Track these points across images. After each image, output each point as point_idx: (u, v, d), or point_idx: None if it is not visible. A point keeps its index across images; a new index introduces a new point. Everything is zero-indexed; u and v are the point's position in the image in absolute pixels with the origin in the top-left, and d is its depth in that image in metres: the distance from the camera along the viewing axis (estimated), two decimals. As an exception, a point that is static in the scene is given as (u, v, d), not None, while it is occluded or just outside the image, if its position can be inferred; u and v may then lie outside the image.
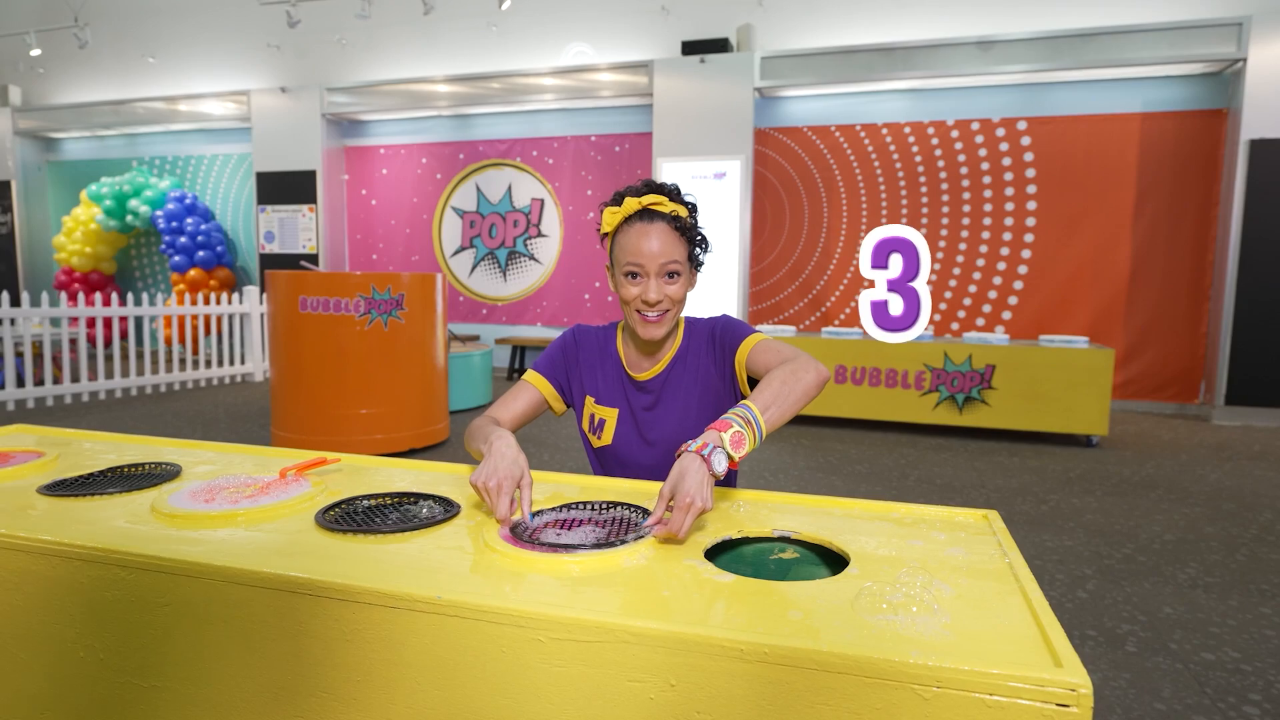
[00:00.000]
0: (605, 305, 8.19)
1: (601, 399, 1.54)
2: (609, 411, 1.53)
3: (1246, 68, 5.95)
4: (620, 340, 1.57)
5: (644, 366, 1.53)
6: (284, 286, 4.62)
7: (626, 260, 1.42)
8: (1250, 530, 3.46)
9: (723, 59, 7.22)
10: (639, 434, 1.52)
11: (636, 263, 1.41)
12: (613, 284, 1.49)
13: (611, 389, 1.54)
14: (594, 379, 1.55)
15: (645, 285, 1.41)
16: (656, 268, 1.41)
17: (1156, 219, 6.50)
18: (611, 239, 1.47)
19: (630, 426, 1.52)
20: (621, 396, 1.53)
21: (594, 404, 1.54)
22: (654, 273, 1.41)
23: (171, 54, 9.55)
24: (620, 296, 1.45)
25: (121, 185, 9.19)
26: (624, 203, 1.43)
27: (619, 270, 1.45)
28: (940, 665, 0.70)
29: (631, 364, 1.54)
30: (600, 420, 1.53)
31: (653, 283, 1.41)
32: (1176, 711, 1.98)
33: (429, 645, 0.85)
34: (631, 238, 1.42)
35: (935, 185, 7.03)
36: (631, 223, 1.43)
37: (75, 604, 1.02)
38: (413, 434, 4.80)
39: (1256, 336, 5.98)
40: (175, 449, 1.65)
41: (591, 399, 1.55)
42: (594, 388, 1.55)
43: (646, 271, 1.41)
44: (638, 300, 1.42)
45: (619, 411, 1.53)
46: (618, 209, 1.44)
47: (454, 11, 8.12)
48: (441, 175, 8.70)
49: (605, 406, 1.53)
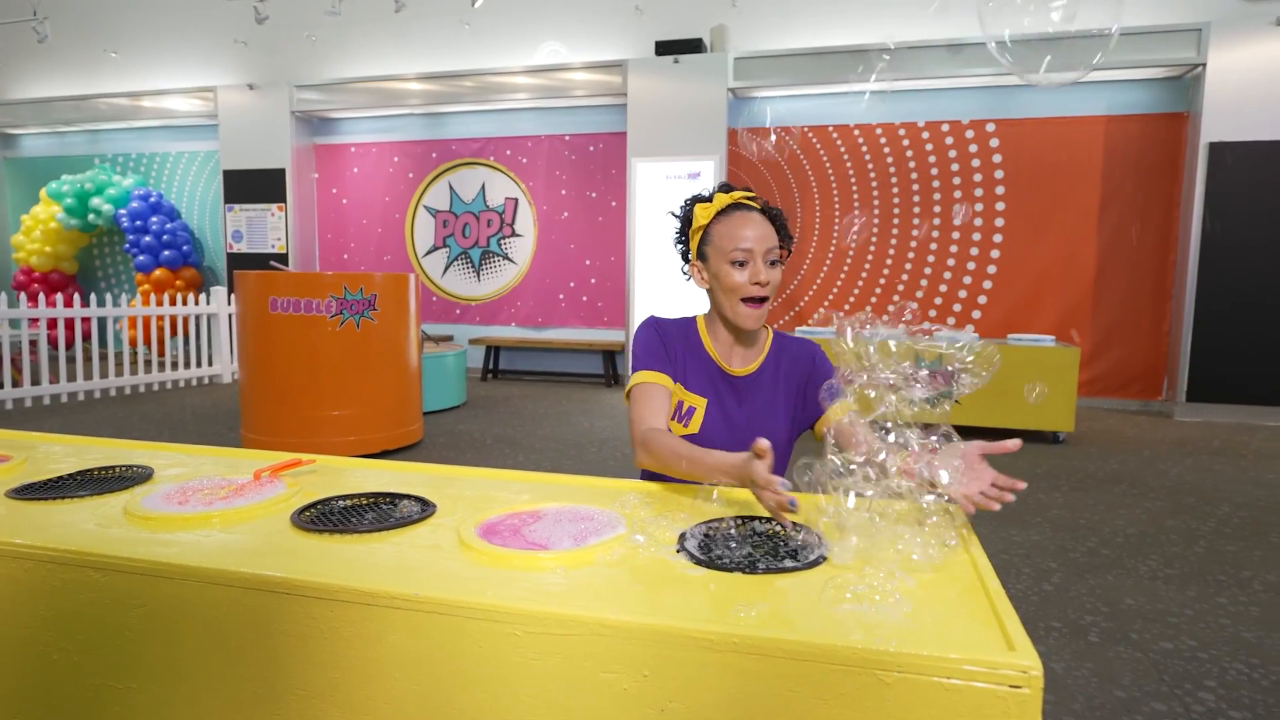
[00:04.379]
0: (579, 305, 8.20)
1: (691, 387, 1.57)
2: (698, 400, 1.56)
3: (1206, 72, 6.11)
4: (704, 333, 1.60)
5: (736, 363, 1.58)
6: (254, 287, 4.57)
7: (734, 247, 1.47)
8: (1209, 523, 3.57)
9: (696, 59, 7.26)
10: (725, 425, 1.55)
11: (745, 248, 1.46)
12: (702, 279, 1.55)
13: (700, 379, 1.57)
14: (684, 366, 1.58)
15: (754, 268, 1.47)
16: (763, 252, 1.47)
17: (1121, 220, 6.66)
18: (702, 234, 1.53)
19: (718, 417, 1.55)
20: (711, 388, 1.57)
21: (684, 391, 1.56)
22: (760, 256, 1.47)
23: (135, 49, 9.37)
24: (722, 286, 1.50)
25: (83, 183, 8.99)
26: (715, 197, 1.51)
27: (721, 259, 1.48)
28: (901, 651, 0.73)
29: (723, 357, 1.58)
30: (690, 408, 1.56)
31: (761, 266, 1.47)
32: (1136, 699, 2.05)
33: (407, 642, 0.87)
34: (734, 225, 1.48)
35: (906, 186, 7.13)
36: (729, 213, 1.50)
37: (48, 607, 1.01)
38: (386, 435, 4.77)
39: (1216, 335, 6.15)
40: (145, 452, 1.64)
41: (681, 386, 1.57)
42: (683, 375, 1.57)
43: (754, 256, 1.47)
44: (746, 285, 1.47)
45: (708, 401, 1.56)
46: (709, 203, 1.51)
47: (426, 9, 8.07)
48: (414, 174, 8.64)
49: (695, 394, 1.56)
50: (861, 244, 7.29)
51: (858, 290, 7.34)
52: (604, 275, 8.13)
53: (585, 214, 8.12)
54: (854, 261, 7.31)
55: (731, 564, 0.98)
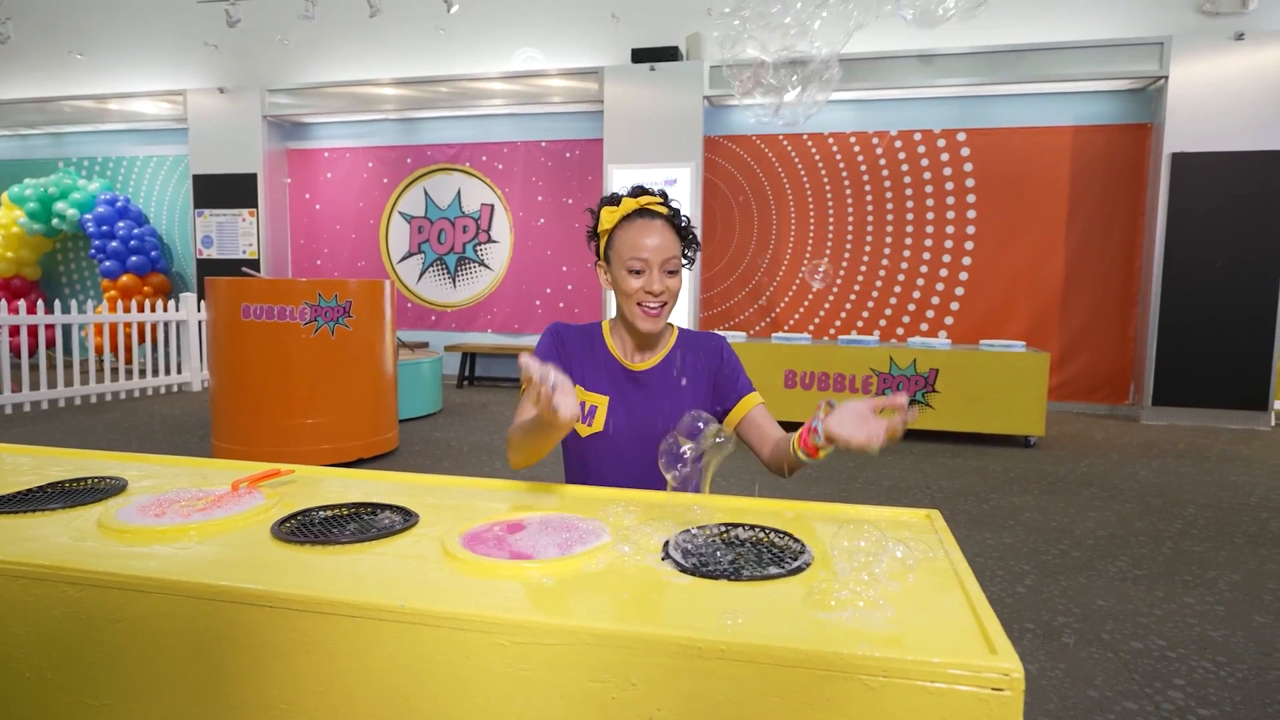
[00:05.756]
0: (556, 311, 8.18)
1: (590, 387, 1.58)
2: (599, 399, 1.57)
3: (1168, 85, 6.28)
4: (609, 335, 1.62)
5: (638, 359, 1.60)
6: (225, 293, 4.50)
7: (630, 255, 1.48)
8: (1175, 524, 3.65)
9: (672, 67, 7.30)
10: (630, 419, 1.56)
11: (641, 257, 1.48)
12: (606, 280, 1.56)
13: (600, 378, 1.58)
14: (582, 369, 1.59)
15: (649, 278, 1.48)
16: (660, 262, 1.48)
17: (1088, 228, 6.81)
18: (608, 237, 1.54)
19: (622, 412, 1.56)
20: (611, 385, 1.58)
21: (584, 392, 1.57)
22: (657, 266, 1.48)
23: (101, 51, 9.20)
24: (620, 290, 1.52)
25: (47, 187, 8.81)
26: (622, 202, 1.51)
27: (620, 266, 1.50)
28: (885, 656, 0.74)
29: (625, 356, 1.60)
30: (591, 407, 1.57)
31: (656, 275, 1.48)
32: (1108, 698, 2.09)
33: (393, 654, 0.86)
34: (634, 234, 1.49)
35: (880, 194, 7.23)
36: (632, 220, 1.51)
37: (19, 623, 0.99)
38: (362, 443, 4.72)
39: (1180, 340, 6.31)
40: (116, 462, 1.61)
41: (580, 387, 1.58)
42: (582, 377, 1.58)
43: (650, 265, 1.48)
44: (640, 292, 1.49)
45: (609, 399, 1.57)
46: (615, 208, 1.52)
47: (401, 14, 8.02)
48: (388, 179, 8.58)
49: (595, 394, 1.57)
50: (836, 251, 7.36)
51: (832, 297, 7.42)
52: (580, 281, 8.12)
53: (561, 220, 8.11)
54: (828, 269, 7.39)
55: (717, 571, 0.98)
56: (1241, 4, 6.22)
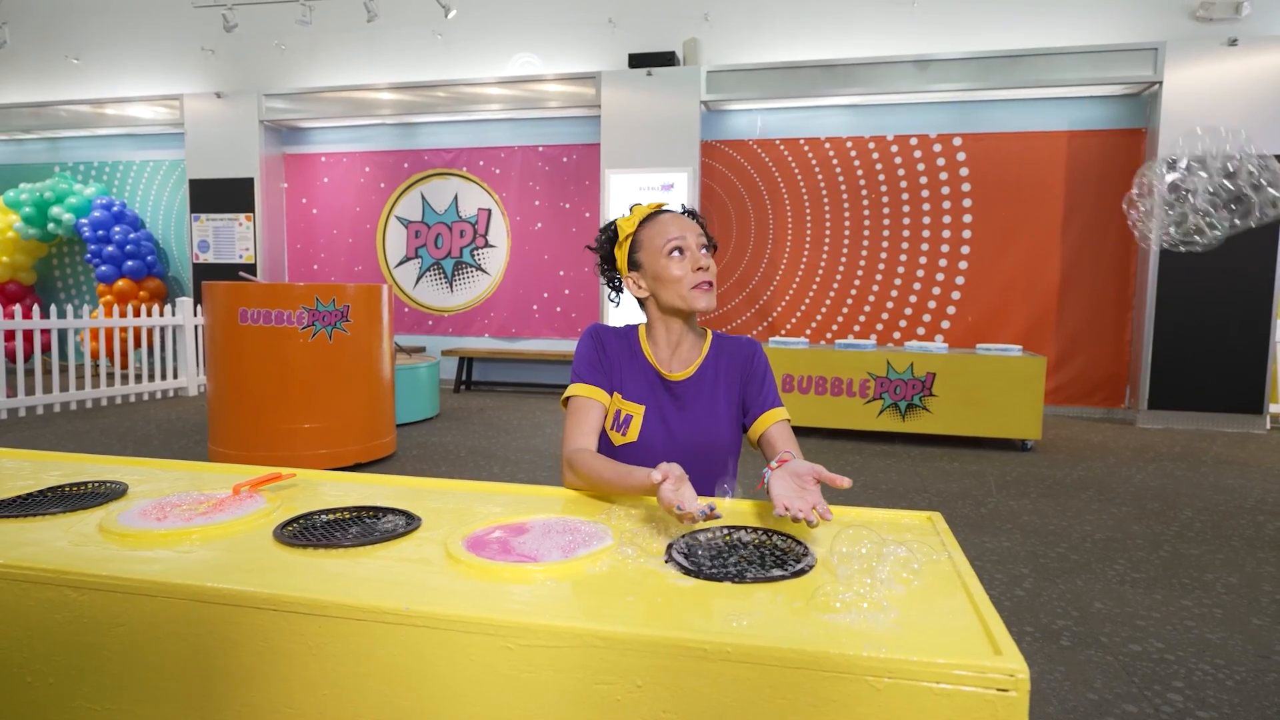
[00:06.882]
0: (553, 316, 8.18)
1: (628, 395, 1.57)
2: (636, 408, 1.56)
3: (1162, 90, 6.31)
4: (645, 341, 1.61)
5: (675, 368, 1.59)
6: (222, 298, 4.49)
7: (668, 239, 1.50)
8: (1172, 528, 3.66)
9: (670, 72, 7.32)
10: (664, 431, 1.55)
11: (679, 236, 1.50)
12: (640, 288, 1.57)
13: (639, 385, 1.58)
14: (621, 375, 1.58)
15: (694, 256, 1.50)
16: (697, 241, 1.52)
17: (1083, 232, 6.83)
18: (631, 242, 1.56)
19: (656, 423, 1.56)
20: (649, 394, 1.57)
21: (621, 400, 1.57)
22: (695, 245, 1.51)
23: (97, 55, 9.18)
24: (664, 281, 1.51)
25: (42, 191, 8.78)
26: (634, 209, 1.57)
27: (658, 256, 1.51)
28: (891, 657, 0.75)
29: (662, 363, 1.59)
30: (627, 416, 1.56)
31: (699, 254, 1.51)
32: (1107, 701, 2.09)
33: (397, 657, 0.86)
34: (662, 225, 1.53)
35: (876, 198, 7.25)
36: (653, 218, 1.55)
37: (21, 628, 0.99)
38: (359, 448, 4.71)
39: (1175, 344, 6.33)
40: (115, 467, 1.60)
41: (619, 394, 1.57)
42: (620, 382, 1.58)
43: (689, 244, 1.50)
44: (690, 272, 1.50)
45: (645, 408, 1.56)
46: (630, 216, 1.56)
47: (398, 19, 8.03)
48: (385, 184, 8.58)
49: (632, 402, 1.57)
50: (833, 256, 7.38)
51: (829, 301, 7.43)
52: (578, 286, 8.13)
53: (559, 225, 8.12)
54: (825, 274, 7.40)
55: (721, 574, 0.98)
56: (1235, 9, 6.26)
